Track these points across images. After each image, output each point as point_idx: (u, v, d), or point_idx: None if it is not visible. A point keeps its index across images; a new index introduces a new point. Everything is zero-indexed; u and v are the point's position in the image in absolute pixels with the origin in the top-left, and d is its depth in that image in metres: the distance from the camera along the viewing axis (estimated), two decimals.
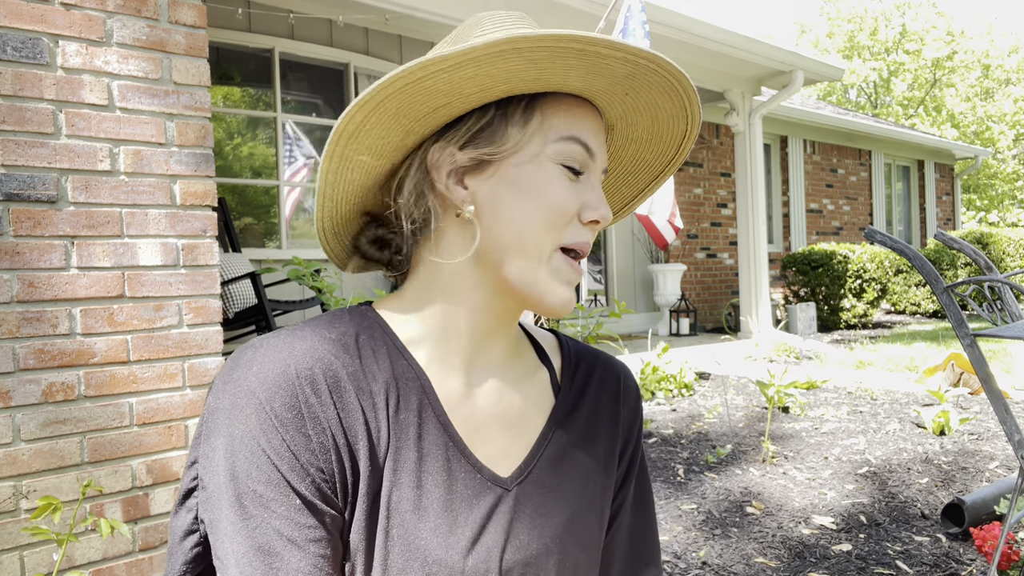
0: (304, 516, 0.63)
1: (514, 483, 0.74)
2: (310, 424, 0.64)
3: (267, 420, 0.64)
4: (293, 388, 0.65)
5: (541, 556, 0.73)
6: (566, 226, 0.70)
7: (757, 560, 2.45)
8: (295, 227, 6.24)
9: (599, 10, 5.30)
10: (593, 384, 0.83)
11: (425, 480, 0.69)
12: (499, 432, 0.75)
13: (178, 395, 2.36)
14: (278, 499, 0.63)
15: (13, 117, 2.07)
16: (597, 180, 0.73)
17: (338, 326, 0.71)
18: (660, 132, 0.78)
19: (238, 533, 0.63)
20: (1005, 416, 1.91)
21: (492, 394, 0.76)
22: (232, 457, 0.64)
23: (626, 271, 8.82)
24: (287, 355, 0.66)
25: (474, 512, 0.70)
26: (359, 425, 0.67)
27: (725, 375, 5.86)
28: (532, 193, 0.69)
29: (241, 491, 0.63)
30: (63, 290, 2.15)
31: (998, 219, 25.68)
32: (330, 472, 0.65)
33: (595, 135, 0.72)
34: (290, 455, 0.63)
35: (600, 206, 0.71)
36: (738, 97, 7.59)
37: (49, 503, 1.67)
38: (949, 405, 4.18)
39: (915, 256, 2.02)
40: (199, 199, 2.41)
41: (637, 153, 0.82)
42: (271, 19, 5.64)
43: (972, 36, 27.01)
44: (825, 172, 11.76)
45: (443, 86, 0.65)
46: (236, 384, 0.65)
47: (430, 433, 0.71)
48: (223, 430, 0.65)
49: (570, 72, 0.67)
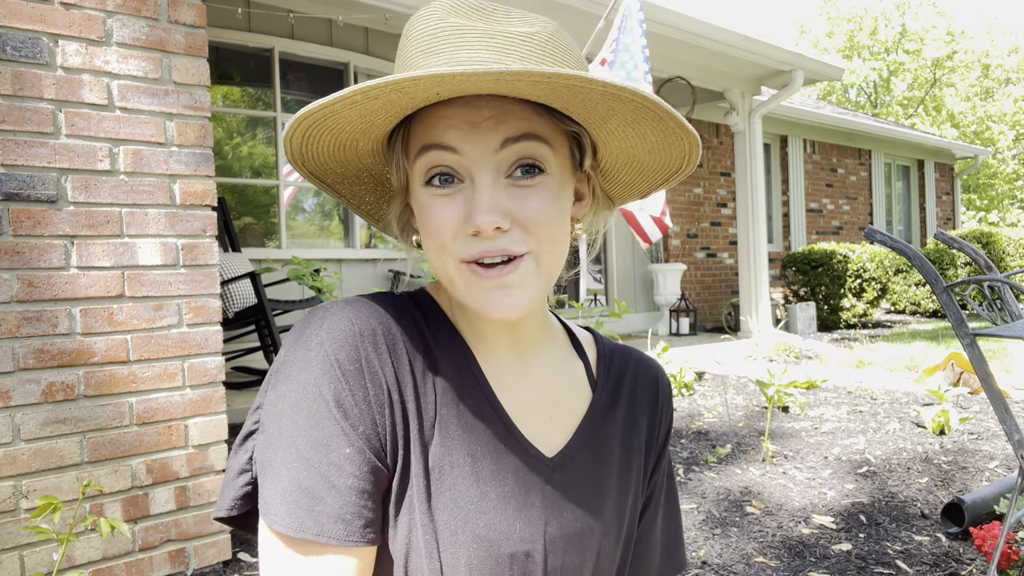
0: (351, 465, 0.65)
1: (558, 464, 0.76)
2: (369, 378, 0.68)
3: (332, 370, 0.67)
4: (357, 343, 0.68)
5: (582, 535, 0.75)
6: (455, 242, 0.67)
7: (757, 560, 2.45)
8: (294, 227, 6.23)
9: (599, 9, 5.30)
10: (628, 378, 0.85)
11: (475, 449, 0.72)
12: (540, 414, 0.78)
13: (178, 395, 2.36)
14: (330, 444, 0.65)
15: (13, 117, 2.07)
16: (483, 175, 0.66)
17: (400, 300, 0.76)
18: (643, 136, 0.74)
19: (289, 472, 0.65)
20: (1005, 416, 1.91)
21: (532, 377, 0.79)
22: (296, 402, 0.67)
23: (626, 271, 8.82)
24: (355, 315, 0.70)
25: (522, 484, 0.73)
26: (410, 387, 0.70)
27: (725, 375, 5.86)
28: (422, 223, 0.70)
29: (299, 433, 0.66)
30: (63, 290, 2.15)
31: (998, 219, 25.68)
32: (383, 426, 0.68)
33: (459, 128, 0.66)
34: (349, 404, 0.67)
35: (477, 214, 0.65)
36: (738, 97, 7.58)
37: (49, 503, 1.67)
38: (949, 405, 4.18)
39: (915, 255, 2.02)
40: (199, 199, 2.41)
41: (637, 156, 0.78)
42: (271, 19, 5.64)
43: (972, 36, 27.01)
44: (825, 172, 11.76)
45: (337, 125, 0.67)
46: (307, 338, 0.69)
47: (479, 406, 0.74)
48: (292, 377, 0.68)
49: (416, 97, 0.64)
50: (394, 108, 0.66)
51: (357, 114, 0.66)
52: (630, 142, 0.74)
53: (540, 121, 0.68)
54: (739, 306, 8.02)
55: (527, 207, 0.67)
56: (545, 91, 0.64)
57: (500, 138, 0.66)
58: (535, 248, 0.68)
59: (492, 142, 0.66)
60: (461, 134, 0.66)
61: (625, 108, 0.67)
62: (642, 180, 0.81)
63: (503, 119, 0.67)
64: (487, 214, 0.65)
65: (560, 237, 0.71)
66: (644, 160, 0.77)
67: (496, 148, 0.66)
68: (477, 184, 0.67)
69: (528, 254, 0.68)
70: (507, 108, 0.67)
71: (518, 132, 0.67)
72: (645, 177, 0.80)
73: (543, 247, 0.68)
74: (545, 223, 0.68)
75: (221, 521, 0.74)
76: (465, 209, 0.67)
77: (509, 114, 0.67)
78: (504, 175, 0.67)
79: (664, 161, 0.76)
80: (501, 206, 0.66)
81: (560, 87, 0.62)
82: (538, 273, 0.69)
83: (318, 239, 6.43)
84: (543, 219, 0.68)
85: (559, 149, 0.70)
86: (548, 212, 0.68)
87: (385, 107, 0.65)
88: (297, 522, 0.64)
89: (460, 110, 0.67)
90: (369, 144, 0.74)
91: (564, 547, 0.73)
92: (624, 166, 0.79)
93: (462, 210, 0.67)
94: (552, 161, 0.69)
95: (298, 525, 0.64)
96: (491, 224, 0.65)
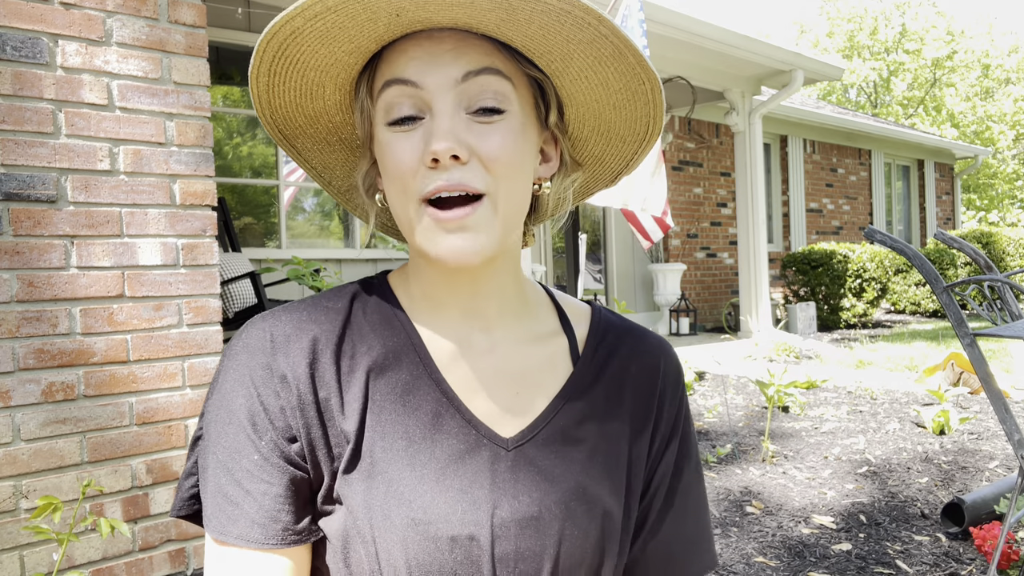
0: (261, 471, 0.68)
1: (515, 443, 0.73)
2: (279, 383, 0.70)
3: (244, 378, 0.70)
4: (267, 352, 0.71)
5: (542, 520, 0.71)
6: (416, 177, 0.67)
7: (757, 560, 2.45)
8: (294, 227, 6.23)
9: (599, 10, 5.30)
10: (620, 356, 0.81)
11: (412, 433, 0.71)
12: (501, 391, 0.75)
13: (178, 395, 2.36)
14: (242, 451, 0.69)
15: (13, 117, 2.07)
16: (443, 105, 0.66)
17: (337, 296, 0.76)
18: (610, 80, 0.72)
19: (213, 478, 0.70)
20: (1005, 415, 1.91)
21: (494, 353, 0.76)
22: (217, 412, 0.71)
23: (626, 271, 8.82)
24: (271, 323, 0.73)
25: (465, 465, 0.70)
26: (333, 382, 0.71)
27: (725, 374, 5.86)
28: (383, 166, 0.70)
29: (219, 442, 0.70)
30: (63, 290, 2.15)
31: (998, 219, 25.68)
32: (298, 428, 0.69)
33: (420, 59, 0.66)
34: (258, 412, 0.69)
35: (434, 140, 0.65)
36: (738, 97, 7.58)
37: (49, 503, 1.67)
38: (949, 404, 4.18)
39: (915, 255, 2.02)
40: (199, 199, 2.41)
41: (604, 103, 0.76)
42: (270, 19, 5.64)
43: (972, 36, 27.01)
44: (825, 172, 11.76)
45: (302, 55, 0.67)
46: (231, 347, 0.73)
47: (420, 389, 0.72)
48: (216, 387, 0.73)
49: (377, 20, 0.64)
50: (357, 35, 0.66)
51: (318, 36, 0.65)
52: (594, 92, 0.73)
53: (502, 58, 0.69)
54: (739, 306, 8.02)
55: (487, 142, 0.67)
56: (504, 15, 0.64)
57: (461, 70, 0.66)
58: (493, 188, 0.67)
59: (453, 73, 0.66)
60: (421, 65, 0.66)
61: (583, 36, 0.67)
62: (612, 150, 0.80)
63: (464, 51, 0.67)
64: (444, 140, 0.65)
65: (520, 180, 0.70)
66: (611, 119, 0.76)
67: (457, 80, 0.67)
68: (436, 115, 0.66)
69: (486, 196, 0.67)
70: (469, 43, 0.67)
71: (479, 65, 0.67)
72: (614, 146, 0.79)
73: (501, 187, 0.68)
74: (504, 159, 0.67)
75: (179, 518, 0.77)
76: (424, 141, 0.67)
77: (470, 49, 0.67)
78: (465, 111, 0.67)
79: (630, 121, 0.75)
80: (460, 136, 0.66)
81: (520, 8, 0.63)
82: (495, 217, 0.68)
83: (318, 239, 6.43)
84: (502, 155, 0.67)
85: (521, 91, 0.70)
86: (508, 149, 0.68)
87: (346, 28, 0.65)
88: (221, 526, 0.68)
89: (422, 42, 0.67)
90: (336, 93, 0.73)
91: (517, 532, 0.70)
92: (593, 132, 0.78)
93: (421, 142, 0.67)
94: (514, 99, 0.69)
95: (222, 529, 0.68)
96: (449, 151, 0.64)
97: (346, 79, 0.72)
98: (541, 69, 0.72)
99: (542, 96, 0.73)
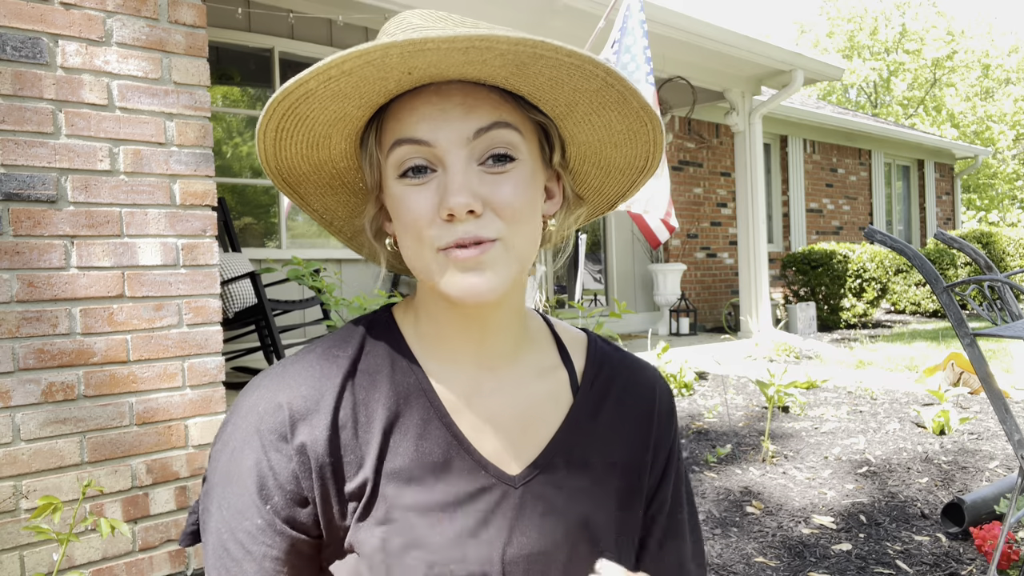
0: (263, 535, 0.70)
1: (522, 481, 0.75)
2: (295, 453, 0.71)
3: (254, 443, 0.71)
4: (281, 419, 0.71)
5: (549, 553, 0.73)
6: (431, 229, 0.68)
7: (757, 560, 2.45)
8: (294, 227, 6.23)
9: (599, 10, 5.30)
10: (617, 387, 0.83)
11: (425, 477, 0.72)
12: (508, 429, 0.76)
13: (178, 395, 2.36)
14: (246, 513, 0.71)
15: (13, 117, 2.07)
16: (455, 161, 0.67)
17: (345, 343, 0.76)
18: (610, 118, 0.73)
19: (216, 530, 0.72)
20: (1005, 416, 1.91)
21: (502, 392, 0.77)
22: (225, 467, 0.72)
23: (626, 271, 8.82)
24: (283, 386, 0.73)
25: (476, 505, 0.72)
26: (351, 443, 0.72)
27: (725, 375, 5.86)
28: (396, 216, 0.71)
29: (224, 497, 0.72)
30: (63, 290, 2.15)
31: (998, 219, 25.68)
32: (310, 491, 0.71)
33: (431, 117, 0.67)
34: (267, 477, 0.71)
35: (450, 197, 0.66)
36: (738, 97, 7.58)
37: (49, 503, 1.67)
38: (949, 405, 4.18)
39: (915, 255, 2.02)
40: (199, 199, 2.41)
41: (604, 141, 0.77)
42: (271, 19, 5.64)
43: (972, 36, 27.00)
44: (825, 172, 11.76)
45: (311, 111, 0.68)
46: (242, 408, 0.74)
47: (432, 434, 0.73)
48: (225, 441, 0.73)
49: (389, 78, 0.65)
50: (367, 91, 0.67)
51: (330, 96, 0.66)
52: (597, 133, 0.75)
53: (509, 109, 0.70)
54: (739, 306, 8.02)
55: (500, 192, 0.68)
56: (514, 70, 0.65)
57: (472, 128, 0.67)
58: (506, 234, 0.69)
59: (464, 132, 0.67)
60: (432, 125, 0.67)
61: (590, 87, 0.68)
62: (611, 182, 0.81)
63: (473, 108, 0.68)
64: (460, 195, 0.66)
65: (531, 224, 0.72)
66: (611, 156, 0.78)
67: (468, 138, 0.67)
68: (449, 170, 0.67)
69: (499, 240, 0.68)
70: (477, 95, 0.68)
71: (489, 121, 0.68)
72: (613, 178, 0.81)
73: (514, 232, 0.69)
74: (517, 207, 0.69)
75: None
76: (439, 195, 0.67)
77: (479, 103, 0.68)
78: (476, 163, 0.68)
79: (630, 157, 0.77)
80: (474, 190, 0.67)
81: (528, 59, 0.64)
82: (509, 257, 0.69)
83: (318, 239, 6.43)
84: (515, 203, 0.69)
85: (529, 137, 0.72)
86: (520, 197, 0.69)
87: (359, 87, 0.65)
88: None
89: (431, 98, 0.68)
90: (342, 143, 0.74)
91: (526, 567, 0.72)
92: (592, 166, 0.80)
93: (436, 196, 0.68)
94: (523, 148, 0.70)
95: None
96: (465, 206, 0.65)
97: (353, 130, 0.73)
98: (546, 114, 0.73)
99: (546, 138, 0.75)
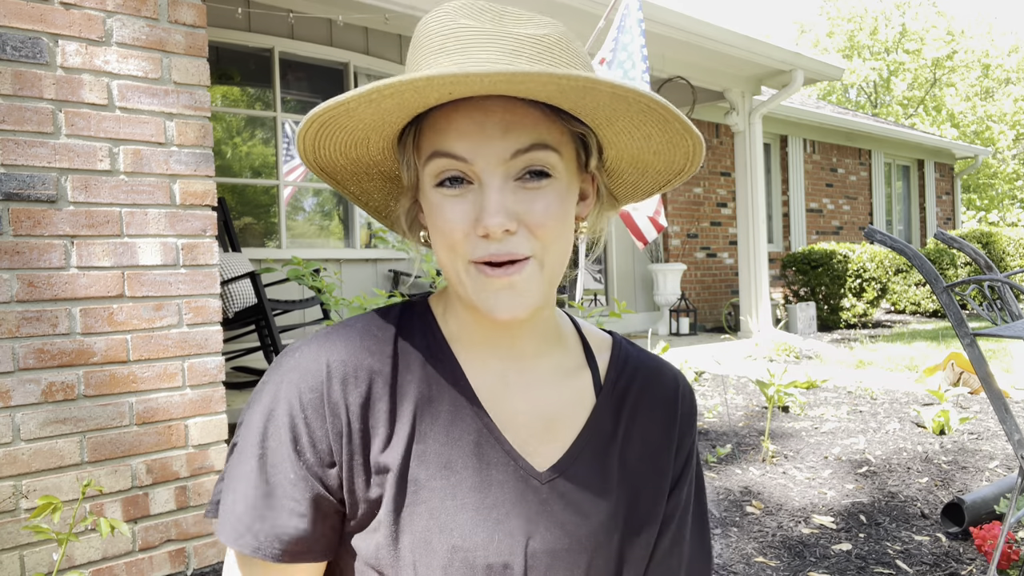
0: (294, 489, 0.71)
1: (548, 478, 0.75)
2: (329, 410, 0.72)
3: (293, 398, 0.72)
4: (321, 377, 0.72)
5: (572, 552, 0.74)
6: (466, 242, 0.69)
7: (757, 559, 2.45)
8: (294, 227, 6.23)
9: (599, 9, 5.30)
10: (636, 389, 0.83)
11: (455, 461, 0.73)
12: (535, 427, 0.77)
13: (178, 395, 2.36)
14: (278, 468, 0.71)
15: (13, 117, 2.07)
16: (492, 179, 0.68)
17: (384, 322, 0.78)
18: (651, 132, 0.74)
19: (242, 489, 0.72)
20: (1005, 415, 1.91)
21: (528, 390, 0.78)
22: (258, 426, 0.73)
23: (626, 271, 8.81)
24: (327, 348, 0.74)
25: (505, 496, 0.73)
26: (382, 414, 0.73)
27: (725, 374, 5.86)
28: (431, 222, 0.72)
29: (255, 456, 0.72)
30: (63, 290, 2.15)
31: (998, 219, 25.67)
32: (339, 454, 0.72)
33: (470, 135, 0.68)
34: (302, 434, 0.71)
35: (486, 216, 0.67)
36: (738, 96, 7.58)
37: (49, 503, 1.67)
38: (949, 404, 4.18)
39: (915, 255, 2.02)
40: (199, 199, 2.41)
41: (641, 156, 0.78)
42: (271, 19, 5.64)
43: (972, 36, 26.99)
44: (825, 171, 11.76)
45: (351, 123, 0.69)
46: (283, 366, 0.75)
47: (463, 420, 0.75)
48: (261, 402, 0.74)
49: (430, 97, 0.66)
50: (407, 106, 0.68)
51: (371, 112, 0.67)
52: (636, 143, 0.75)
53: (548, 125, 0.70)
54: (739, 306, 8.02)
55: (534, 210, 0.69)
56: (554, 92, 0.66)
57: (510, 149, 0.68)
58: (539, 251, 0.70)
59: (502, 152, 0.68)
60: (471, 144, 0.68)
61: (632, 110, 0.68)
62: (646, 180, 0.82)
63: (512, 127, 0.68)
64: (496, 216, 0.67)
65: (564, 240, 0.72)
66: (649, 160, 0.78)
67: (506, 159, 0.68)
68: (486, 188, 0.68)
69: (532, 257, 0.69)
70: (516, 112, 0.68)
71: (528, 143, 0.68)
72: (649, 177, 0.81)
73: (547, 249, 0.70)
74: (550, 225, 0.70)
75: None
76: (475, 211, 0.68)
77: (518, 121, 0.68)
78: (513, 179, 0.69)
79: (669, 161, 0.77)
80: (509, 209, 0.68)
81: (569, 88, 0.64)
82: (542, 275, 0.71)
83: (318, 239, 6.43)
84: (549, 221, 0.69)
85: (566, 154, 0.72)
86: (554, 215, 0.70)
87: (399, 105, 0.67)
88: (238, 536, 0.70)
89: (471, 113, 0.68)
90: (380, 141, 0.75)
91: (549, 562, 0.73)
92: (629, 166, 0.80)
93: (472, 211, 0.68)
94: (560, 167, 0.71)
95: (239, 539, 0.70)
96: (500, 227, 0.67)
97: (391, 133, 0.74)
98: (584, 123, 0.73)
99: (584, 145, 0.75)
